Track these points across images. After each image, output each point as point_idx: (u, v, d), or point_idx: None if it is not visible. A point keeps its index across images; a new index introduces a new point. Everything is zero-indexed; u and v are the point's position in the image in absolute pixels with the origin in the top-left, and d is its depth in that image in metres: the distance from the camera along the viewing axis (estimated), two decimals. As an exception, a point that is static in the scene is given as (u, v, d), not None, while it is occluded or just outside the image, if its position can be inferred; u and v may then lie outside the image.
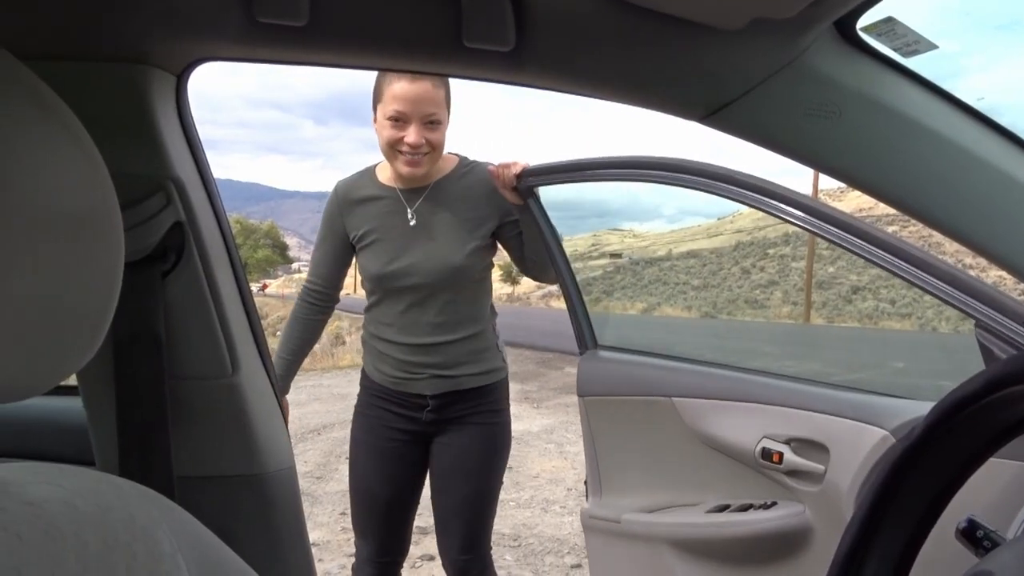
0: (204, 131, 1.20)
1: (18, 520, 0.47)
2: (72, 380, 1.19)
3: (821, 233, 1.56)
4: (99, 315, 0.52)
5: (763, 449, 1.88)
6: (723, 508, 1.99)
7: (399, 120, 2.03)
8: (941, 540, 0.77)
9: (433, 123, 2.04)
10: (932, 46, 0.91)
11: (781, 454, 1.85)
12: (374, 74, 2.03)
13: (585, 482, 2.29)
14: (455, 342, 2.17)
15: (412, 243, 2.14)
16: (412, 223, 2.15)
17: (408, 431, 2.23)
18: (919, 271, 1.43)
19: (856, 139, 0.96)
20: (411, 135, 2.02)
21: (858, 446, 1.66)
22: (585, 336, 2.29)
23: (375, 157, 2.27)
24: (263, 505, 1.19)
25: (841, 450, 1.72)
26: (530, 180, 2.07)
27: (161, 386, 1.09)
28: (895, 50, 0.94)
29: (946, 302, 1.39)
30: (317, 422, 8.00)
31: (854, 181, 1.00)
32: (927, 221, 1.02)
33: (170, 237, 1.09)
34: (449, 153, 2.22)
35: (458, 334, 2.18)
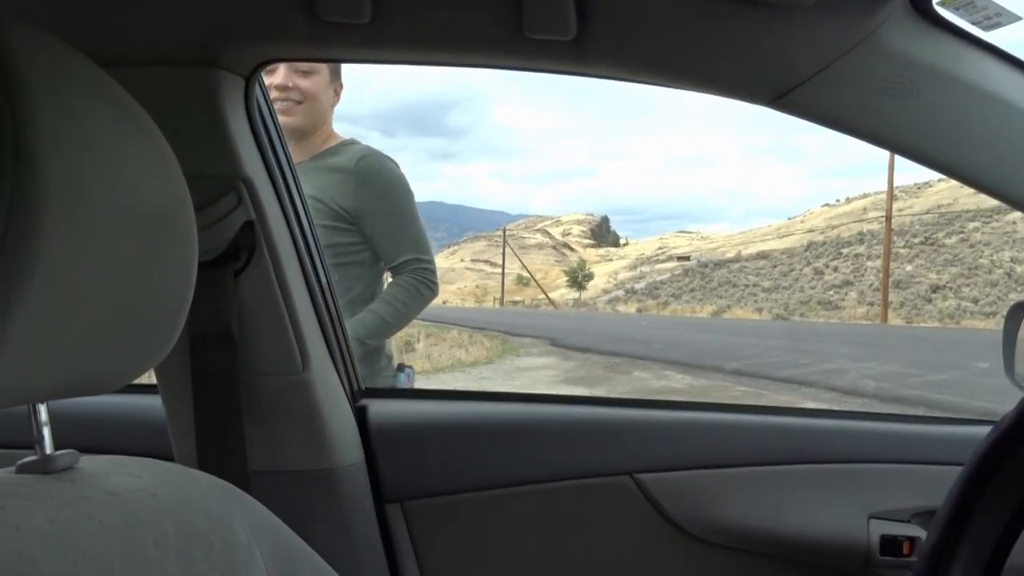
0: (278, 146, 1.22)
1: (102, 509, 0.48)
2: (151, 378, 1.23)
3: None
4: (175, 312, 0.53)
5: (883, 538, 1.21)
6: None
7: (274, 71, 1.96)
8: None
9: (305, 72, 1.96)
10: (1015, 17, 0.87)
11: (912, 540, 1.21)
12: (440, 82, 1.99)
13: None
14: None
15: None
16: None
17: None
18: None
19: (935, 118, 0.92)
20: (278, 76, 1.94)
21: None
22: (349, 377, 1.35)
23: (442, 166, 2.22)
24: (334, 499, 1.20)
25: None
26: None
27: (235, 382, 1.12)
28: (975, 24, 0.89)
29: None
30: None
31: (933, 162, 0.96)
32: (1014, 204, 0.97)
33: (241, 236, 1.11)
34: (347, 138, 2.10)
35: None
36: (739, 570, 1.28)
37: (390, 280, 2.07)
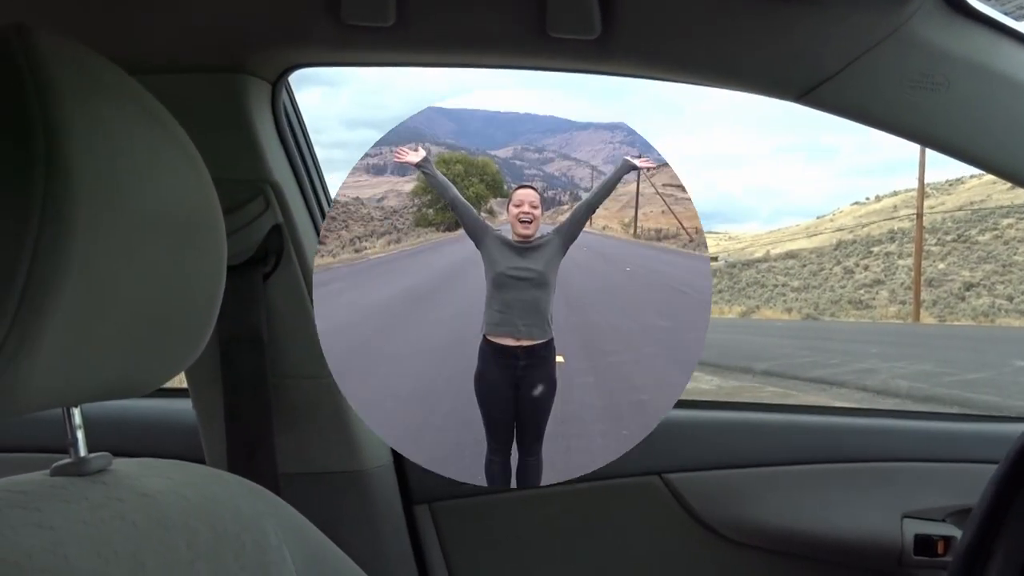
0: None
1: (134, 510, 0.49)
2: (182, 382, 1.24)
3: None
4: (205, 315, 0.54)
5: (917, 538, 1.19)
6: None
7: None
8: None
9: None
10: (1049, 6, 0.85)
11: (947, 540, 1.19)
12: (463, 87, 1.98)
13: None
14: None
15: None
16: None
17: None
18: None
19: (967, 110, 0.91)
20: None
21: None
22: None
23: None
24: (363, 501, 1.21)
25: None
26: None
27: (265, 385, 1.13)
28: (1007, 14, 0.88)
29: None
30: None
31: (965, 155, 0.94)
32: None
33: (270, 240, 1.12)
34: None
35: None
36: (770, 570, 1.26)
37: None
